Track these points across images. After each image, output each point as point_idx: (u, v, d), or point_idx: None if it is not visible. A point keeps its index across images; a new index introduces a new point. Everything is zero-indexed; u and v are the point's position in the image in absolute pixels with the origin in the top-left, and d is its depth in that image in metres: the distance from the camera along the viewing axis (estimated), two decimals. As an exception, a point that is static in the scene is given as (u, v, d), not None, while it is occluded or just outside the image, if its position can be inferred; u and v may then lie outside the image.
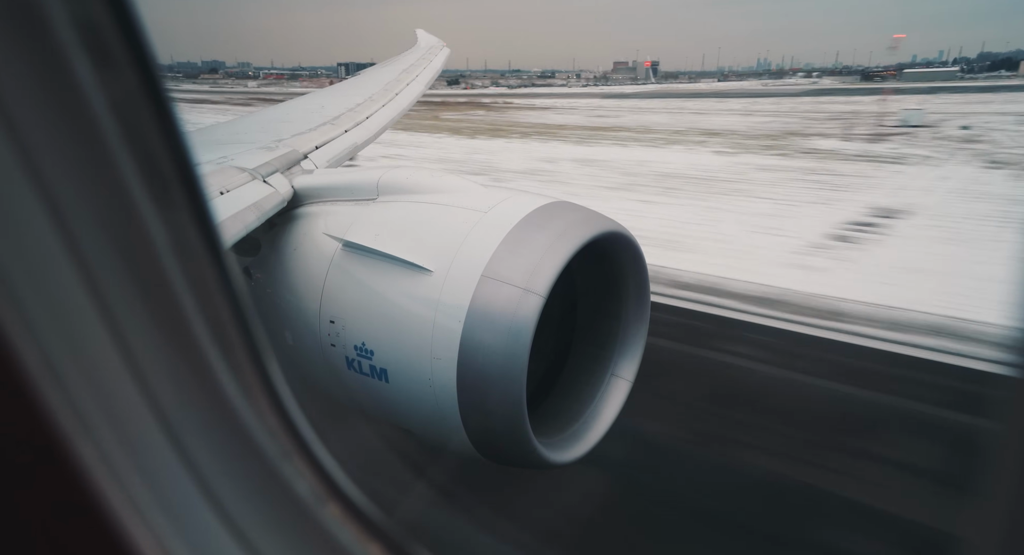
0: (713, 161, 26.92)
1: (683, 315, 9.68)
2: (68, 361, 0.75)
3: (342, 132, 5.99)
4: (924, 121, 38.35)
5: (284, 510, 0.92)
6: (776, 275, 11.42)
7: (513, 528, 4.46)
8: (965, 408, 6.58)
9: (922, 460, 6.00)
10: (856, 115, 48.63)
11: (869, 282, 11.14)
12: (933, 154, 27.47)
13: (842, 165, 25.10)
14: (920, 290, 10.55)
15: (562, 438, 3.60)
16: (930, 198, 18.85)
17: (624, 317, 3.87)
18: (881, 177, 22.46)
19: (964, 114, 43.84)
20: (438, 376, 3.03)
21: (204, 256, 0.88)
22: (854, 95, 75.40)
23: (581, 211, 3.38)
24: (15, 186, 0.70)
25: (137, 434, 0.81)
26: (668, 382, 7.36)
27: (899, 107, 44.63)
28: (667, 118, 51.18)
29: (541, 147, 32.65)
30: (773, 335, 8.92)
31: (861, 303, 9.88)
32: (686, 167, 25.19)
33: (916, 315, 9.35)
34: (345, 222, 3.58)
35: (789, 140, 33.87)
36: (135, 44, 0.77)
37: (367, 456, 4.53)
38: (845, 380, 7.57)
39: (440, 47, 12.86)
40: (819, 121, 44.93)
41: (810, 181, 21.89)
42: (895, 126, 38.34)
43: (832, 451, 6.14)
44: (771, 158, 27.46)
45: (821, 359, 8.16)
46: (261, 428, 0.92)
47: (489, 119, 51.79)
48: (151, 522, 0.79)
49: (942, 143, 30.61)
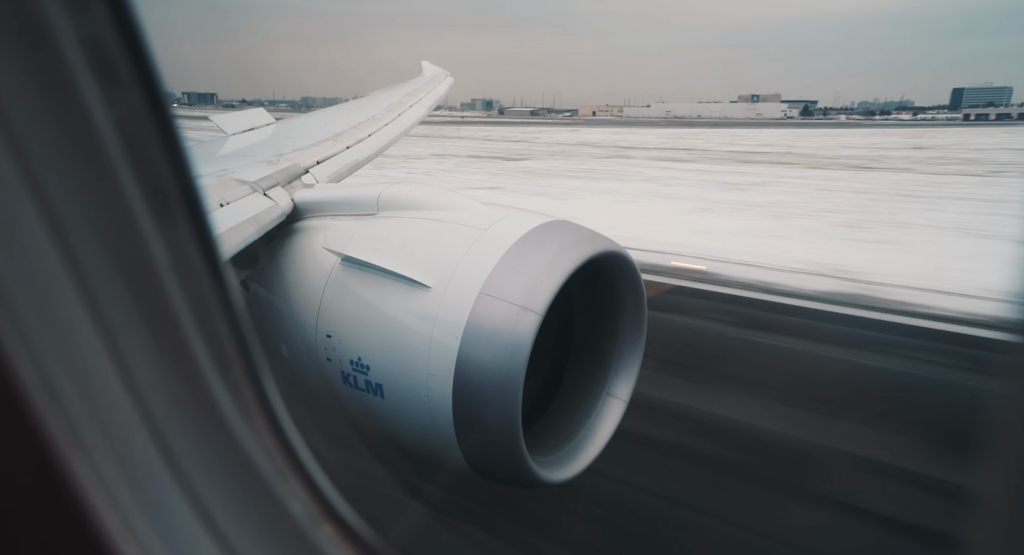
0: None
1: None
2: (65, 377, 0.75)
3: (344, 148, 6.02)
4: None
5: (279, 530, 0.92)
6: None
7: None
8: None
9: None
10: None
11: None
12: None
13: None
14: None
15: (557, 457, 3.58)
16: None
17: (620, 337, 3.87)
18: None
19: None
20: (434, 392, 3.02)
21: (203, 274, 0.88)
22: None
23: (579, 231, 3.39)
24: (16, 201, 0.70)
25: (133, 452, 0.81)
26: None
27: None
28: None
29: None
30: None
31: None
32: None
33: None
34: (344, 236, 3.59)
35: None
36: (139, 62, 0.78)
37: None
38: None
39: (444, 76, 13.02)
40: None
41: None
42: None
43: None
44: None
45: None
46: (257, 448, 0.92)
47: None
48: (144, 541, 0.78)
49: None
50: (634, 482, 5.05)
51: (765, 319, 9.29)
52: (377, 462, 4.34)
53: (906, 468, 5.34)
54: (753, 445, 5.69)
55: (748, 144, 54.63)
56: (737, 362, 7.71)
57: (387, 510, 4.34)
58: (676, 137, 66.70)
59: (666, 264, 12.22)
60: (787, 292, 10.53)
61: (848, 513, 4.76)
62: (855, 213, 18.97)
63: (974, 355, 7.69)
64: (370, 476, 4.52)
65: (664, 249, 13.38)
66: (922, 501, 4.94)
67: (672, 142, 57.38)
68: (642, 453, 5.40)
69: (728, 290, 10.61)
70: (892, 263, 12.43)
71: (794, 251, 13.51)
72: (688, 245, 14.00)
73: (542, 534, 4.47)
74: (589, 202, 21.23)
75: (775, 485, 5.13)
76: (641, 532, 4.55)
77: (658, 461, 5.42)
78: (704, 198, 22.08)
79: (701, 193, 23.28)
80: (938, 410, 6.42)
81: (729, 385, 6.97)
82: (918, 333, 8.69)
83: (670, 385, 6.81)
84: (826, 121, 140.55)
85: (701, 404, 6.48)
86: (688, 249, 13.58)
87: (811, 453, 5.61)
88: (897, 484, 5.20)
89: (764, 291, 10.60)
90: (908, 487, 5.16)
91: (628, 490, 4.97)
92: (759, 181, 27.15)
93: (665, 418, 6.13)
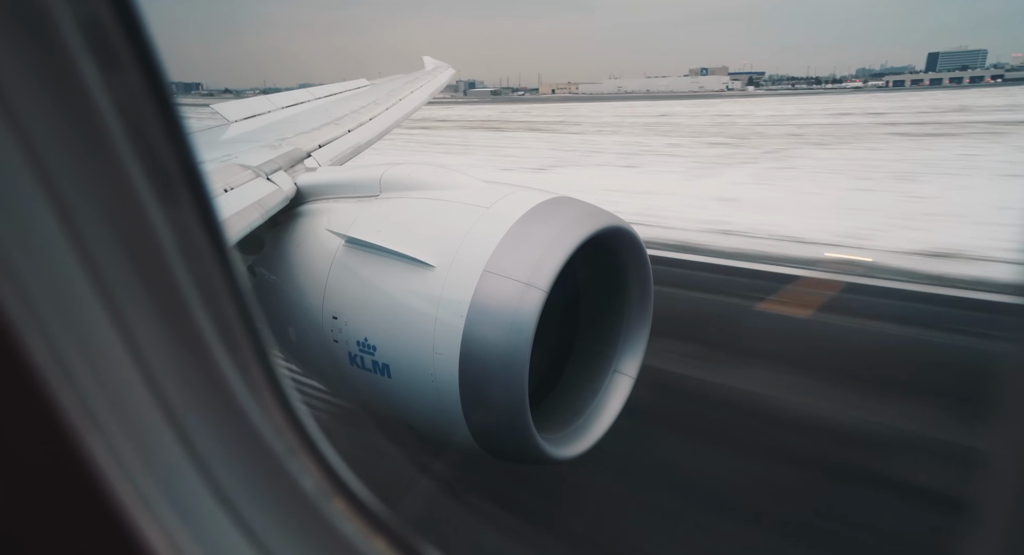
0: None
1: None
2: (77, 359, 0.76)
3: (345, 132, 6.00)
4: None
5: (290, 505, 0.93)
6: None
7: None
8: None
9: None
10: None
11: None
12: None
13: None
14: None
15: (564, 434, 3.61)
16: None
17: (627, 313, 3.88)
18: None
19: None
20: (440, 371, 3.04)
21: (209, 254, 0.89)
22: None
23: (583, 207, 3.38)
24: (23, 186, 0.71)
25: (145, 430, 0.82)
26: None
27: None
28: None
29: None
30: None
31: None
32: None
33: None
34: (348, 218, 3.59)
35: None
36: (140, 45, 0.78)
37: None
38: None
39: (445, 67, 13.05)
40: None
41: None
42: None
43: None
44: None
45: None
46: (267, 425, 0.93)
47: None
48: (160, 517, 0.80)
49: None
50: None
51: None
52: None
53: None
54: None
55: (611, 114, 64.01)
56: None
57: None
58: (565, 110, 77.00)
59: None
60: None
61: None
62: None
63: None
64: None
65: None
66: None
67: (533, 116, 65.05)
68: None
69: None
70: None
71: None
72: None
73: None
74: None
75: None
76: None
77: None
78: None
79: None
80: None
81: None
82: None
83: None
84: (761, 92, 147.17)
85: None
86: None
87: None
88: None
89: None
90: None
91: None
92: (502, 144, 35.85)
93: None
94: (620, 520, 4.36)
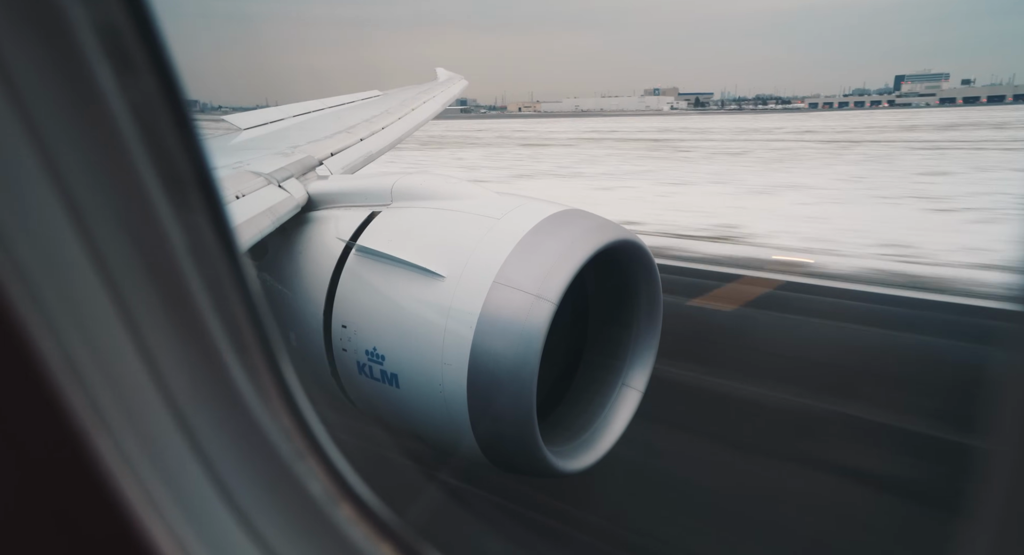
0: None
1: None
2: (88, 360, 0.76)
3: (357, 140, 6.04)
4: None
5: (297, 509, 0.93)
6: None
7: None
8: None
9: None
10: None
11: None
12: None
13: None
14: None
15: (572, 447, 3.58)
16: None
17: (635, 327, 3.86)
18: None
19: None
20: (448, 382, 3.03)
21: (220, 257, 0.89)
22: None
23: (594, 219, 3.38)
24: (37, 189, 0.72)
25: (154, 431, 0.82)
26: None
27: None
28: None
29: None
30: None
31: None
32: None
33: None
34: (359, 227, 3.60)
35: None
36: (154, 48, 0.79)
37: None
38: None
39: (458, 79, 13.17)
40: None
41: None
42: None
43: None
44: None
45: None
46: (275, 428, 0.93)
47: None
48: (167, 518, 0.80)
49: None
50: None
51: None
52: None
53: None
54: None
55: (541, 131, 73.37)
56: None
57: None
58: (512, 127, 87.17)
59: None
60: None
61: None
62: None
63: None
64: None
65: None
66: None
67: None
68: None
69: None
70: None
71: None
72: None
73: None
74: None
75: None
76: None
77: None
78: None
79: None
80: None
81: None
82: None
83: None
84: (694, 112, 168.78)
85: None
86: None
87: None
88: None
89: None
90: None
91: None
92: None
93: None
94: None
